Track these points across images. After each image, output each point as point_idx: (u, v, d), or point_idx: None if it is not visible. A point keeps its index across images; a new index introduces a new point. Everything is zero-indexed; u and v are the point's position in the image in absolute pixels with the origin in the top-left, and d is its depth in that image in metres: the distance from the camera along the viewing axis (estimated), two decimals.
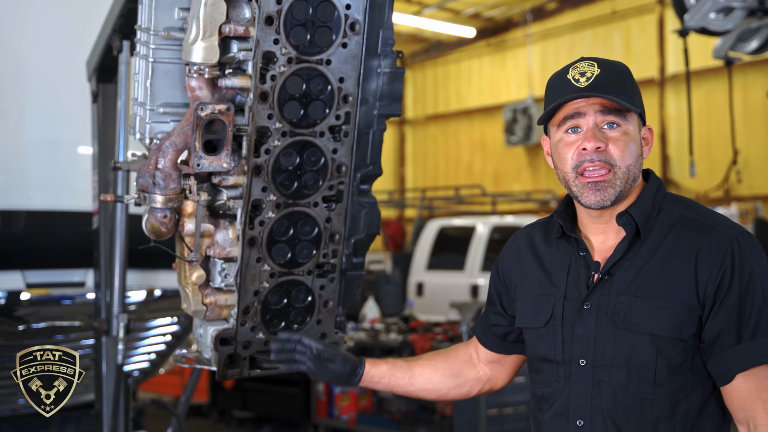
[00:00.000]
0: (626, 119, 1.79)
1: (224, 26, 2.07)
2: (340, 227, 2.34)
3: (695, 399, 1.76)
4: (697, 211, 1.83)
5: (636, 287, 1.77)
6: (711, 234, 1.76)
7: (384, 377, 2.09)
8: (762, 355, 1.69)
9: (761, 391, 1.69)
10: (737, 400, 1.71)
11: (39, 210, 3.88)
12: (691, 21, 5.85)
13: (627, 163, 1.78)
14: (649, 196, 1.84)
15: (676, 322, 1.73)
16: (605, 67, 1.81)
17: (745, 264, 1.72)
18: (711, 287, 1.72)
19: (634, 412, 1.75)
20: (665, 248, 1.78)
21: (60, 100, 4.05)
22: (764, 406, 1.68)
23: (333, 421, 7.20)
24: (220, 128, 2.10)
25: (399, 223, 16.51)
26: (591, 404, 1.79)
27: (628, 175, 1.79)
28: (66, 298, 4.01)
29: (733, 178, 12.22)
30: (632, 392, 1.75)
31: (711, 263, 1.73)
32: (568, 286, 1.86)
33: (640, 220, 1.80)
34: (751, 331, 1.70)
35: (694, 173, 6.71)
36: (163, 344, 4.42)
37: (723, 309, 1.72)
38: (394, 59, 2.31)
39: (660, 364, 1.74)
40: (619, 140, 1.78)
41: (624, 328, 1.76)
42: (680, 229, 1.79)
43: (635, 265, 1.79)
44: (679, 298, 1.74)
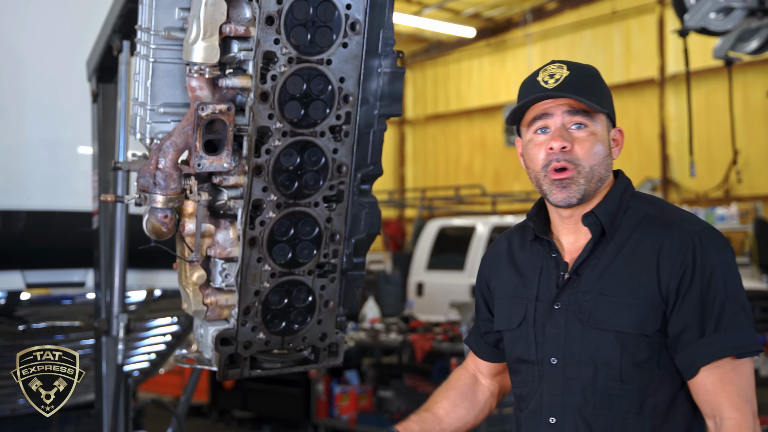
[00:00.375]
0: (594, 120, 1.83)
1: (225, 26, 2.07)
2: (340, 227, 2.34)
3: (664, 394, 1.78)
4: (662, 209, 1.86)
5: (602, 285, 1.81)
6: (673, 231, 1.79)
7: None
8: (724, 348, 1.71)
9: (725, 384, 1.71)
10: (702, 394, 1.73)
11: (39, 210, 3.88)
12: (691, 21, 5.85)
13: (591, 163, 1.82)
14: (615, 196, 1.87)
15: (640, 319, 1.76)
16: (574, 69, 1.84)
17: (707, 259, 1.74)
18: (673, 283, 1.75)
19: (602, 408, 1.78)
20: (630, 246, 1.81)
21: (60, 100, 4.05)
22: (728, 399, 1.70)
23: (333, 421, 7.20)
24: (220, 128, 2.09)
25: (399, 223, 16.52)
26: (562, 401, 1.82)
27: (592, 175, 1.82)
28: (66, 298, 4.01)
29: (733, 178, 12.23)
30: (600, 389, 1.78)
31: (672, 259, 1.76)
32: (540, 288, 1.90)
33: (605, 220, 1.84)
34: (714, 325, 1.72)
35: (694, 173, 6.71)
36: (163, 344, 4.42)
37: (685, 304, 1.74)
38: (395, 59, 2.31)
39: (625, 360, 1.76)
40: (586, 140, 1.82)
41: (590, 326, 1.80)
42: (645, 227, 1.82)
43: (602, 263, 1.82)
44: (642, 295, 1.76)
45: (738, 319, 1.72)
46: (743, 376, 1.72)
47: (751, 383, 1.72)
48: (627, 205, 1.86)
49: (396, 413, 6.89)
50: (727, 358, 1.71)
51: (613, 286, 1.79)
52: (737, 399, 1.70)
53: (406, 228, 16.06)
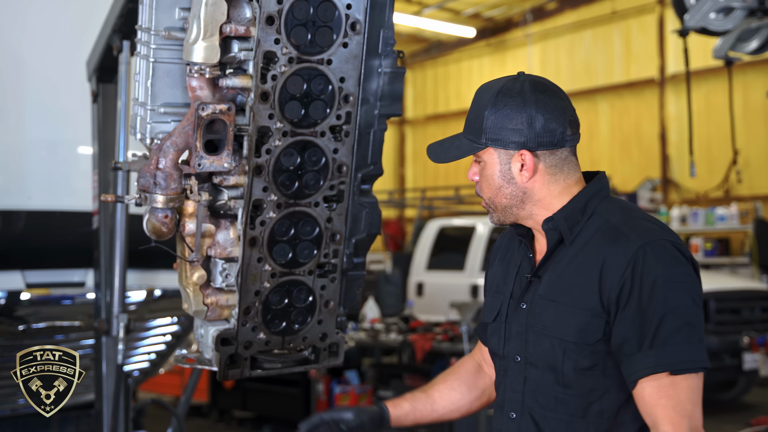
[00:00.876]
0: (481, 155, 1.92)
1: (225, 26, 2.07)
2: (341, 227, 2.34)
3: (610, 401, 1.79)
4: (622, 218, 1.84)
5: (553, 292, 1.84)
6: (620, 242, 1.78)
7: (409, 414, 2.15)
8: (659, 364, 1.70)
9: (661, 398, 1.70)
10: (641, 405, 1.74)
11: (39, 210, 3.88)
12: (691, 21, 5.84)
13: (488, 195, 1.92)
14: (579, 202, 1.87)
15: (580, 328, 1.78)
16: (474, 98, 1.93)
17: (648, 273, 1.73)
18: (613, 295, 1.75)
19: (549, 409, 1.83)
20: (583, 254, 1.82)
21: (60, 100, 4.05)
22: (664, 413, 1.69)
23: None
24: (221, 128, 2.09)
25: (399, 223, 16.52)
26: (521, 399, 1.88)
27: (495, 205, 1.92)
28: (66, 298, 4.01)
29: (733, 178, 12.23)
30: (546, 390, 1.83)
31: (614, 272, 1.76)
32: (515, 286, 1.96)
33: (563, 226, 1.86)
34: (650, 340, 1.71)
35: (694, 173, 6.71)
36: (163, 344, 4.42)
37: (624, 317, 1.74)
38: (395, 59, 2.31)
39: (567, 366, 1.80)
40: (481, 176, 1.93)
41: (536, 331, 1.86)
42: (599, 236, 1.82)
43: (558, 269, 1.85)
44: (584, 304, 1.78)
45: (679, 335, 1.71)
46: (683, 391, 1.70)
47: (692, 398, 1.70)
48: (593, 210, 1.86)
49: None
50: (664, 374, 1.70)
51: (563, 293, 1.82)
52: (673, 413, 1.69)
53: (406, 228, 16.06)
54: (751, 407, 8.46)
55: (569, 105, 1.89)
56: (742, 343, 7.86)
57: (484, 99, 1.89)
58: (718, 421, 7.90)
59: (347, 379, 7.33)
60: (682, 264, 1.76)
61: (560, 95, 1.89)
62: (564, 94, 1.90)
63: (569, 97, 1.92)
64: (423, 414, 2.16)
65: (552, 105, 1.85)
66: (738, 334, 7.93)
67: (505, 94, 1.86)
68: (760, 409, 8.36)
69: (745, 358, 7.87)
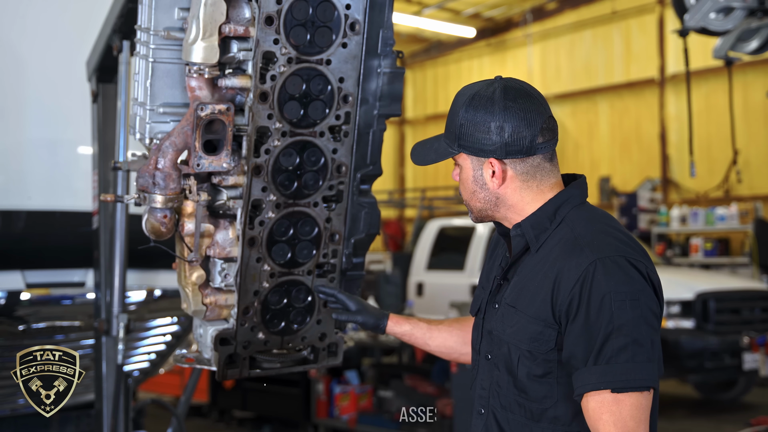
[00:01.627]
0: (457, 159, 1.94)
1: (224, 26, 2.07)
2: (340, 227, 2.34)
3: (564, 409, 1.79)
4: (585, 230, 1.82)
5: (515, 298, 1.86)
6: (575, 255, 1.77)
7: (405, 335, 2.27)
8: (600, 381, 1.69)
9: (602, 414, 1.69)
10: (587, 418, 1.73)
11: (39, 210, 3.88)
12: (691, 21, 5.84)
13: (465, 197, 1.95)
14: (548, 209, 1.87)
15: (533, 337, 1.80)
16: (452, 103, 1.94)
17: (596, 290, 1.72)
18: (563, 308, 1.76)
19: (509, 410, 1.86)
20: (543, 264, 1.82)
21: (60, 100, 4.05)
22: (605, 427, 1.69)
23: (333, 421, 7.20)
24: (220, 128, 2.10)
25: (399, 223, 16.51)
26: (488, 395, 1.92)
27: (470, 206, 1.95)
28: (66, 298, 4.01)
29: (733, 178, 12.23)
30: (506, 392, 1.86)
31: (565, 285, 1.76)
32: (494, 283, 1.99)
33: (529, 233, 1.87)
34: (595, 357, 1.71)
35: (694, 173, 6.71)
36: (163, 344, 4.42)
37: (572, 331, 1.74)
38: (394, 59, 2.31)
39: (521, 372, 1.82)
40: (460, 179, 1.95)
41: (496, 335, 1.89)
42: (559, 247, 1.82)
43: (522, 275, 1.87)
44: (537, 314, 1.80)
45: (624, 354, 1.69)
46: (625, 408, 1.68)
47: (636, 415, 1.69)
48: (563, 218, 1.86)
49: (396, 413, 6.89)
50: (606, 390, 1.69)
51: (521, 300, 1.84)
52: (613, 429, 1.68)
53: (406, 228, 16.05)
54: (751, 407, 8.46)
55: (544, 111, 1.85)
56: (742, 343, 7.86)
57: (459, 103, 1.90)
58: (718, 421, 7.90)
59: (347, 379, 7.33)
60: (635, 281, 1.74)
61: (534, 101, 1.85)
62: (540, 100, 1.87)
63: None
64: (417, 341, 2.27)
65: (522, 113, 1.83)
66: (738, 334, 7.93)
67: (477, 99, 1.86)
68: (760, 409, 8.35)
69: (745, 358, 7.87)
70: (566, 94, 15.11)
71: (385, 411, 7.07)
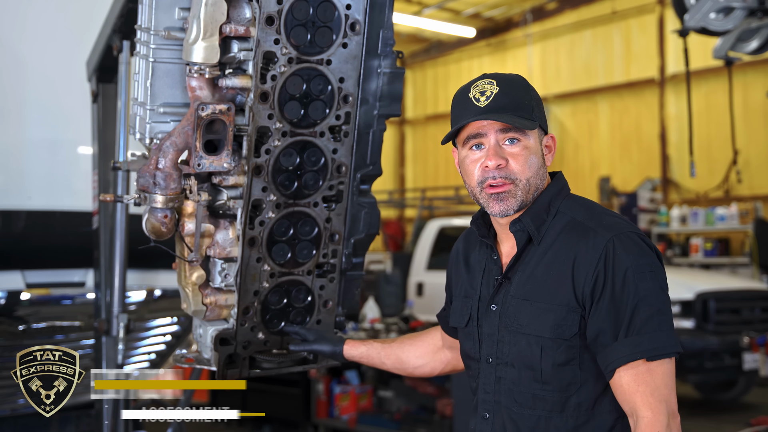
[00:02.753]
0: (526, 134, 1.89)
1: (225, 26, 2.07)
2: (339, 227, 2.34)
3: (587, 393, 1.84)
4: (586, 214, 1.90)
5: (526, 291, 1.88)
6: (589, 237, 1.83)
7: (363, 357, 2.34)
8: (635, 351, 1.76)
9: (639, 385, 1.76)
10: (620, 394, 1.79)
11: (39, 210, 3.88)
12: (691, 21, 5.85)
13: (527, 175, 1.89)
14: (544, 201, 1.92)
15: (556, 323, 1.83)
16: (504, 84, 1.90)
17: (619, 265, 1.79)
18: (587, 288, 1.81)
19: (527, 407, 1.87)
20: (552, 252, 1.87)
21: (60, 100, 4.05)
22: (642, 399, 1.75)
23: (333, 421, 7.20)
24: (220, 128, 2.09)
25: (399, 223, 16.51)
26: (494, 399, 1.93)
27: (529, 187, 1.89)
28: (66, 298, 4.01)
29: (733, 178, 12.23)
30: (524, 389, 1.87)
31: (587, 266, 1.81)
32: (482, 289, 1.99)
33: (530, 226, 1.90)
34: (626, 329, 1.77)
35: (694, 173, 6.71)
36: (163, 344, 4.42)
37: (599, 309, 1.79)
38: (394, 59, 2.31)
39: (545, 362, 1.84)
40: (520, 155, 1.88)
41: (513, 330, 1.89)
42: (567, 233, 1.88)
43: (528, 269, 1.90)
44: (558, 300, 1.83)
45: (652, 323, 1.77)
46: (658, 377, 1.76)
47: (668, 382, 1.77)
48: (557, 209, 1.92)
49: (396, 413, 6.89)
50: (641, 360, 1.76)
51: (535, 292, 1.86)
52: (651, 399, 1.75)
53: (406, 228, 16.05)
54: (751, 407, 8.45)
55: None
56: (742, 343, 7.86)
57: (520, 83, 1.93)
58: (718, 421, 7.90)
59: (347, 379, 7.33)
60: (648, 254, 1.82)
61: None
62: None
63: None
64: (374, 361, 2.34)
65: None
66: (738, 334, 7.93)
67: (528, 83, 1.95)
68: (760, 409, 8.35)
69: (745, 358, 7.86)
70: (566, 94, 15.11)
71: (385, 411, 7.07)
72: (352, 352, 2.33)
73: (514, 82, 1.92)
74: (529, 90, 1.93)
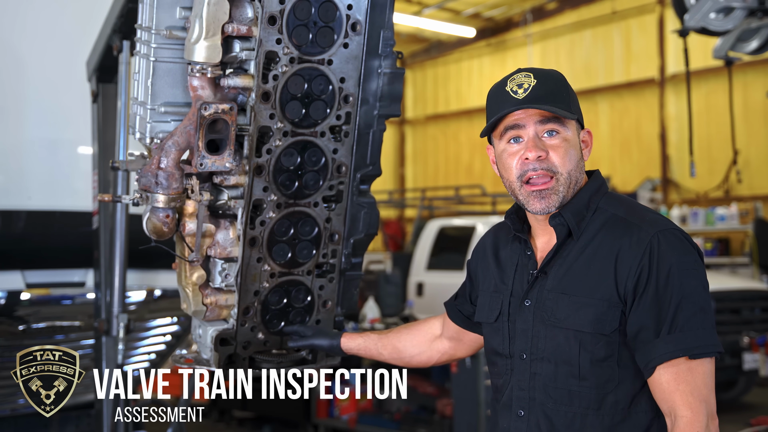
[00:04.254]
0: (565, 126, 1.87)
1: (227, 26, 2.07)
2: (339, 227, 2.34)
3: (624, 391, 1.81)
4: (628, 211, 1.89)
5: (564, 285, 1.86)
6: (633, 232, 1.82)
7: (360, 348, 2.36)
8: (678, 349, 1.74)
9: (679, 383, 1.73)
10: (659, 392, 1.77)
11: (39, 210, 3.88)
12: (691, 21, 5.84)
13: (568, 168, 1.87)
14: (584, 197, 1.91)
15: (597, 318, 1.80)
16: (541, 77, 1.88)
17: (663, 261, 1.78)
18: (630, 284, 1.79)
19: (563, 403, 1.84)
20: (593, 247, 1.85)
21: (60, 100, 4.04)
22: (682, 398, 1.73)
23: (333, 421, 7.19)
24: (223, 128, 2.09)
25: (399, 223, 16.51)
26: (529, 396, 1.89)
27: (570, 180, 1.88)
28: (66, 298, 4.01)
29: (733, 178, 12.23)
30: (560, 385, 1.84)
31: (630, 261, 1.79)
32: (515, 284, 1.97)
33: (571, 221, 1.88)
34: (668, 326, 1.75)
35: (694, 173, 6.71)
36: (163, 344, 4.42)
37: (642, 305, 1.78)
38: (395, 60, 2.31)
39: (583, 358, 1.81)
40: (559, 147, 1.86)
41: (550, 324, 1.86)
42: (608, 229, 1.86)
43: (566, 263, 1.87)
44: (599, 295, 1.81)
45: (695, 320, 1.75)
46: (699, 376, 1.74)
47: (708, 383, 1.75)
48: (597, 205, 1.90)
49: (396, 413, 6.89)
50: (682, 358, 1.74)
51: (574, 286, 1.84)
52: (691, 398, 1.72)
53: (406, 228, 16.05)
54: (751, 407, 8.45)
55: None
56: (742, 343, 7.85)
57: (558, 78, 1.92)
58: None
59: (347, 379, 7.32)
60: (691, 252, 1.81)
61: None
62: None
63: None
64: (371, 353, 2.35)
65: None
66: (738, 334, 7.92)
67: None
68: (760, 409, 8.35)
69: (745, 358, 7.86)
70: None
71: (385, 411, 7.06)
72: (349, 345, 2.34)
73: (551, 75, 1.91)
74: (565, 83, 1.92)
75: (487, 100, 1.95)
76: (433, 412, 6.64)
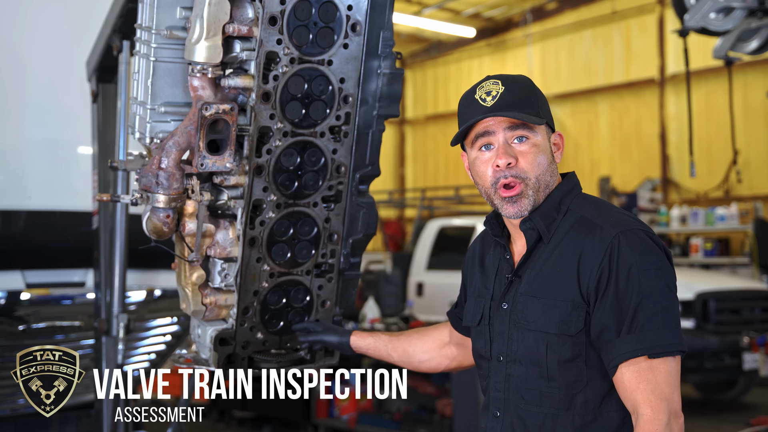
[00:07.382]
0: (534, 131, 1.90)
1: (228, 26, 2.07)
2: (338, 227, 2.34)
3: (594, 391, 1.84)
4: (596, 212, 1.91)
5: (534, 288, 1.89)
6: (595, 233, 1.85)
7: (370, 348, 2.36)
8: (637, 348, 1.76)
9: (640, 382, 1.75)
10: (622, 391, 1.79)
11: (39, 210, 3.88)
12: (691, 21, 5.85)
13: (536, 173, 1.90)
14: (554, 200, 1.93)
15: (562, 319, 1.84)
16: (509, 83, 1.91)
17: (623, 261, 1.79)
18: (592, 284, 1.81)
19: (534, 404, 1.87)
20: (560, 249, 1.88)
21: (60, 100, 4.04)
22: (643, 396, 1.75)
23: (333, 421, 7.20)
24: (223, 128, 2.09)
25: (399, 223, 16.50)
26: (504, 397, 1.93)
27: (539, 185, 1.90)
28: (66, 298, 4.01)
29: (733, 178, 12.23)
30: (531, 386, 1.88)
31: (592, 262, 1.82)
32: (495, 288, 2.01)
33: (540, 225, 1.91)
34: (629, 326, 1.77)
35: (694, 173, 6.71)
36: (163, 344, 4.42)
37: (603, 305, 1.80)
38: (394, 60, 2.31)
39: (551, 359, 1.84)
40: (528, 153, 1.89)
41: (520, 327, 1.90)
42: (574, 230, 1.89)
43: (537, 266, 1.91)
44: (564, 296, 1.84)
45: (655, 320, 1.77)
46: (661, 375, 1.75)
47: (670, 381, 1.76)
48: (567, 207, 1.93)
49: (396, 413, 6.89)
50: (642, 357, 1.76)
51: (543, 289, 1.87)
52: (652, 396, 1.74)
53: (406, 228, 16.05)
54: (751, 407, 8.46)
55: None
56: (742, 343, 7.86)
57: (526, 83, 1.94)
58: (718, 421, 7.89)
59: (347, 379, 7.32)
60: (654, 252, 1.82)
61: None
62: None
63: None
64: (380, 353, 2.36)
65: None
66: (738, 334, 7.93)
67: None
68: (760, 409, 8.35)
69: (745, 358, 7.86)
70: (566, 94, 15.10)
71: (385, 411, 7.06)
72: (359, 343, 2.34)
73: (519, 81, 1.94)
74: (534, 89, 1.94)
75: (458, 109, 1.99)
76: (433, 412, 6.65)
